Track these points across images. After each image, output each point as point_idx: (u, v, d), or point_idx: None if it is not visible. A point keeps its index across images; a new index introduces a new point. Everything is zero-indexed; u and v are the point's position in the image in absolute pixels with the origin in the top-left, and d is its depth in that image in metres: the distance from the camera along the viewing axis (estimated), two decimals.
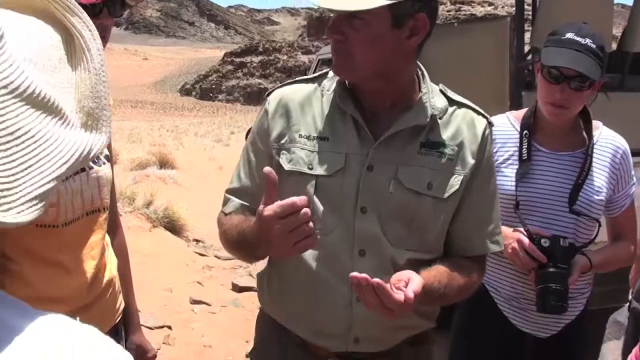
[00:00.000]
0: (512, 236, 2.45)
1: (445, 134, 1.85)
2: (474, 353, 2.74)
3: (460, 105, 1.91)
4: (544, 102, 2.47)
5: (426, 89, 1.88)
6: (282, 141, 1.86)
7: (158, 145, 23.71)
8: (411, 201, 1.81)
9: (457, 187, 1.85)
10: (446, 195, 1.84)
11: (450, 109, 1.89)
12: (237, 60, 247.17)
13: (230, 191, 1.99)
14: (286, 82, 1.99)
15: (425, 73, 1.91)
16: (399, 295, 1.57)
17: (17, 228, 1.90)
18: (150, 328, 5.49)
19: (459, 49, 4.79)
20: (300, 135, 1.85)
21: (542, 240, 2.40)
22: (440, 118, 1.86)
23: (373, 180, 1.80)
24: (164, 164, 17.25)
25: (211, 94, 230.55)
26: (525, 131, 2.56)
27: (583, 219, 2.51)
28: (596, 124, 2.61)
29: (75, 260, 2.00)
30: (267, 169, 1.61)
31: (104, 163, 2.10)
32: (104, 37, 1.95)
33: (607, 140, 2.60)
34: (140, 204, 9.54)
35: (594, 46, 2.37)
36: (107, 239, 2.19)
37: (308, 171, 1.81)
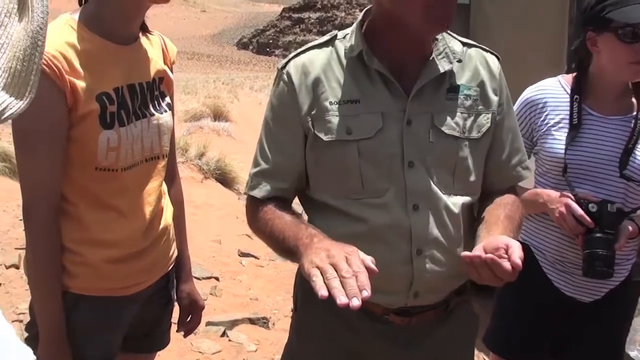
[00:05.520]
0: (559, 200, 2.44)
1: (465, 77, 1.87)
2: (515, 314, 2.73)
3: (470, 45, 1.93)
4: (626, 64, 2.41)
5: (440, 35, 1.86)
6: (314, 112, 1.81)
7: (213, 97, 23.81)
8: (452, 147, 1.82)
9: (488, 124, 1.87)
10: (480, 134, 1.86)
11: (464, 50, 1.90)
12: (295, 16, 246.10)
13: (258, 174, 1.90)
14: (298, 51, 1.92)
15: None
16: (508, 264, 1.58)
17: (77, 170, 1.91)
18: (198, 278, 5.55)
19: (518, 10, 4.72)
20: (330, 103, 1.80)
21: (590, 205, 2.38)
22: (459, 61, 1.86)
23: (414, 133, 1.79)
24: (218, 116, 17.37)
25: (268, 49, 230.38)
26: (575, 96, 2.54)
27: (633, 184, 2.47)
28: None
29: (131, 205, 2.01)
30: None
31: (166, 111, 2.10)
32: None
33: None
34: (193, 155, 9.63)
35: None
36: (164, 187, 2.20)
37: (347, 137, 1.78)
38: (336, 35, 1.90)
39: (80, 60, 1.82)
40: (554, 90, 2.61)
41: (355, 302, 1.37)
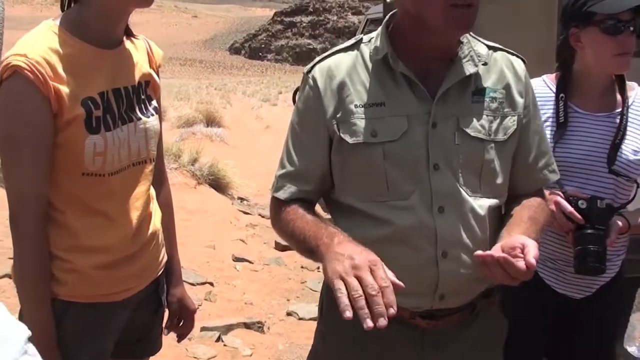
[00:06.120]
0: (548, 198, 2.43)
1: (491, 79, 1.87)
2: (509, 312, 2.71)
3: (495, 49, 1.93)
4: (611, 57, 2.43)
5: (465, 38, 1.87)
6: (339, 115, 1.83)
7: (205, 103, 23.82)
8: (477, 149, 1.82)
9: (514, 127, 1.88)
10: (506, 137, 1.87)
11: (490, 54, 1.91)
12: (287, 19, 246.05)
13: (283, 176, 1.93)
14: (323, 55, 1.95)
15: None
16: (522, 264, 1.61)
17: (64, 176, 1.90)
18: (193, 284, 5.56)
19: (507, 10, 4.73)
20: (355, 106, 1.82)
21: (580, 202, 2.38)
22: (484, 64, 1.87)
23: (439, 136, 1.80)
24: (210, 121, 17.36)
25: (260, 54, 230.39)
26: (561, 94, 2.55)
27: (622, 179, 2.49)
28: (631, 85, 2.60)
29: (119, 210, 2.00)
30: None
31: (152, 115, 2.09)
32: None
33: None
34: (186, 161, 9.63)
35: None
36: (153, 191, 2.19)
37: (373, 139, 1.79)
38: (362, 39, 1.93)
39: (63, 65, 1.81)
40: (539, 90, 2.59)
41: (382, 322, 1.37)
